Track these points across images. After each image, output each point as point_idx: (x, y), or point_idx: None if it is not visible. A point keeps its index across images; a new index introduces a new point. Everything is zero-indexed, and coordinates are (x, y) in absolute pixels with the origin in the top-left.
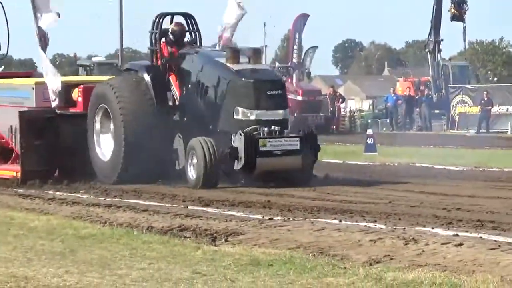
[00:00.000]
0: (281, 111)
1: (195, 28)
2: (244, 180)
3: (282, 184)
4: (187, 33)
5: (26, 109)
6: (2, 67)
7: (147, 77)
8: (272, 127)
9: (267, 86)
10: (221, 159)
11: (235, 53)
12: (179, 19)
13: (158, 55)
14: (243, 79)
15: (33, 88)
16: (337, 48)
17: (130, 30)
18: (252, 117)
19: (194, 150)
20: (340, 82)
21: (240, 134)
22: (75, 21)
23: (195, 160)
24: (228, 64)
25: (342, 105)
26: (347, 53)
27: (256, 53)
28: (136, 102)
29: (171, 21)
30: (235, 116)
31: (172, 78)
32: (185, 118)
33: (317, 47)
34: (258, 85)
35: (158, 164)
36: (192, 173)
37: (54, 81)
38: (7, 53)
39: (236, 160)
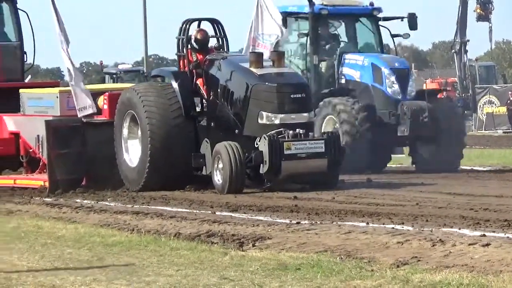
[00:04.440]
0: (305, 114)
1: (222, 34)
2: (270, 184)
3: (309, 188)
4: (215, 39)
5: (50, 118)
6: (29, 76)
7: (174, 83)
8: (297, 130)
9: (291, 90)
10: (246, 163)
11: (258, 57)
12: (206, 25)
13: (185, 61)
14: (266, 83)
15: (57, 97)
16: None
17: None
18: (277, 121)
19: (219, 155)
20: None
21: (265, 137)
22: (101, 29)
23: (220, 165)
24: (251, 69)
25: None
26: None
27: (279, 56)
28: (162, 107)
29: (198, 27)
30: (259, 121)
31: (200, 84)
32: (212, 124)
33: None
34: (281, 89)
35: (185, 170)
36: (218, 178)
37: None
38: (33, 62)
39: (261, 164)
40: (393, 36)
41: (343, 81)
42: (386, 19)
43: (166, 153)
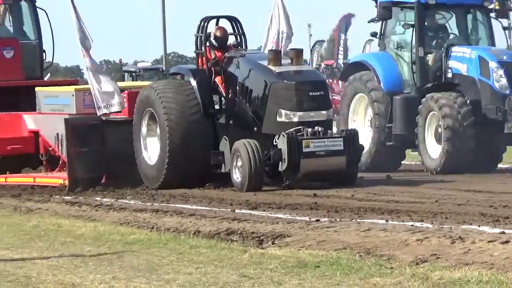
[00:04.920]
0: (324, 112)
1: (240, 31)
2: (289, 181)
3: (328, 185)
4: (233, 36)
5: (70, 116)
6: (49, 74)
7: (193, 81)
8: (316, 127)
9: (309, 87)
10: (265, 161)
11: (277, 55)
12: (224, 22)
13: (204, 59)
14: (285, 81)
15: (73, 95)
16: None
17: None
18: (295, 119)
19: (238, 153)
20: None
21: (283, 135)
22: (120, 27)
23: (239, 163)
24: (270, 67)
25: None
26: None
27: (298, 54)
28: (180, 104)
29: (217, 25)
30: (278, 119)
31: (218, 81)
32: (231, 121)
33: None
34: (300, 86)
35: (204, 167)
36: (237, 176)
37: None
38: (52, 60)
39: (280, 162)
40: (504, 28)
41: (449, 74)
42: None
43: (185, 150)
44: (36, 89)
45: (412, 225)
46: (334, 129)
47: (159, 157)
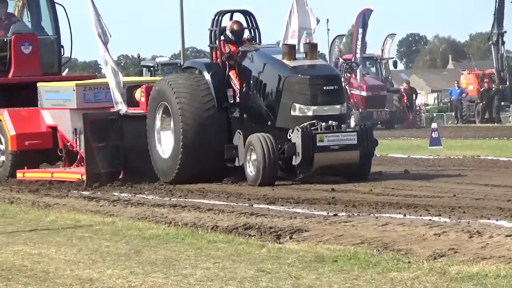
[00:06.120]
0: (338, 106)
1: (255, 26)
2: (302, 175)
3: (346, 180)
4: (247, 30)
5: (68, 111)
6: (67, 70)
7: (207, 75)
8: (330, 122)
9: (324, 82)
10: (279, 155)
11: (291, 49)
12: (239, 16)
13: (218, 53)
14: (299, 75)
15: (74, 90)
16: (401, 43)
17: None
18: (309, 113)
19: (252, 146)
20: (405, 76)
21: (298, 129)
22: (139, 22)
23: (254, 156)
24: (284, 61)
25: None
26: (411, 47)
27: (312, 49)
28: (194, 98)
29: (231, 19)
30: (292, 113)
31: (232, 75)
32: (244, 115)
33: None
34: (314, 81)
35: (218, 161)
36: (251, 169)
37: (118, 82)
38: (70, 56)
39: (294, 156)
40: None
41: None
42: None
43: (199, 144)
44: (38, 84)
45: (430, 220)
46: (352, 123)
47: (172, 150)
